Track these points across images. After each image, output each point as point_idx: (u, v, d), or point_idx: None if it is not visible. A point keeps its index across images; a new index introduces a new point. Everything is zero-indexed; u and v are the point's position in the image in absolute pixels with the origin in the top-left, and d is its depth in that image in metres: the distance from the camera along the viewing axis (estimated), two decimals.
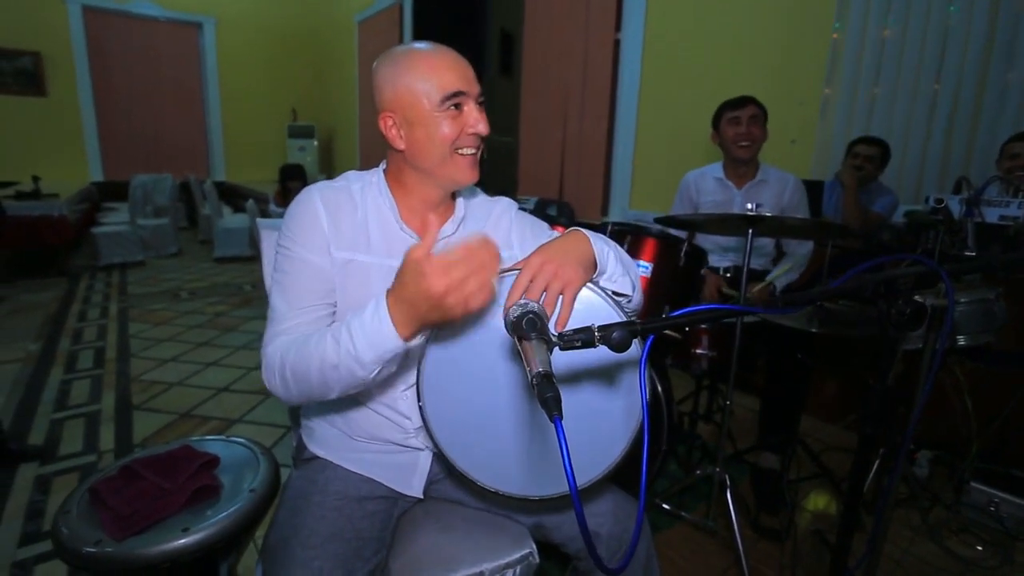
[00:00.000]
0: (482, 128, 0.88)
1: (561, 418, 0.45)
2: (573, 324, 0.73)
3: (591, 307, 0.78)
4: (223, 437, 1.17)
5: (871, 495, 1.84)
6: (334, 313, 0.92)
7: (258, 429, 2.36)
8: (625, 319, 0.76)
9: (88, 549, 0.84)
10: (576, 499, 0.43)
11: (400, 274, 0.68)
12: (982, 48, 2.30)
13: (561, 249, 0.77)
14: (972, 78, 2.34)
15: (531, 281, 0.73)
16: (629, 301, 0.88)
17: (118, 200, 6.17)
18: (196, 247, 6.43)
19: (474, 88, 0.88)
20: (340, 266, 0.89)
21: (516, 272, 0.76)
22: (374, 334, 0.71)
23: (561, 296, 0.75)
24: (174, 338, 3.45)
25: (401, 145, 0.88)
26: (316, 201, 0.90)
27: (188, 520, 0.91)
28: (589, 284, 0.78)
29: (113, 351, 3.21)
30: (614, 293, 0.83)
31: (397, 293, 0.69)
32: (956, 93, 2.39)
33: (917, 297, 0.75)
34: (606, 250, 0.83)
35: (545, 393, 0.47)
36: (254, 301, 4.31)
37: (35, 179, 4.92)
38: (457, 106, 0.86)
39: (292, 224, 0.89)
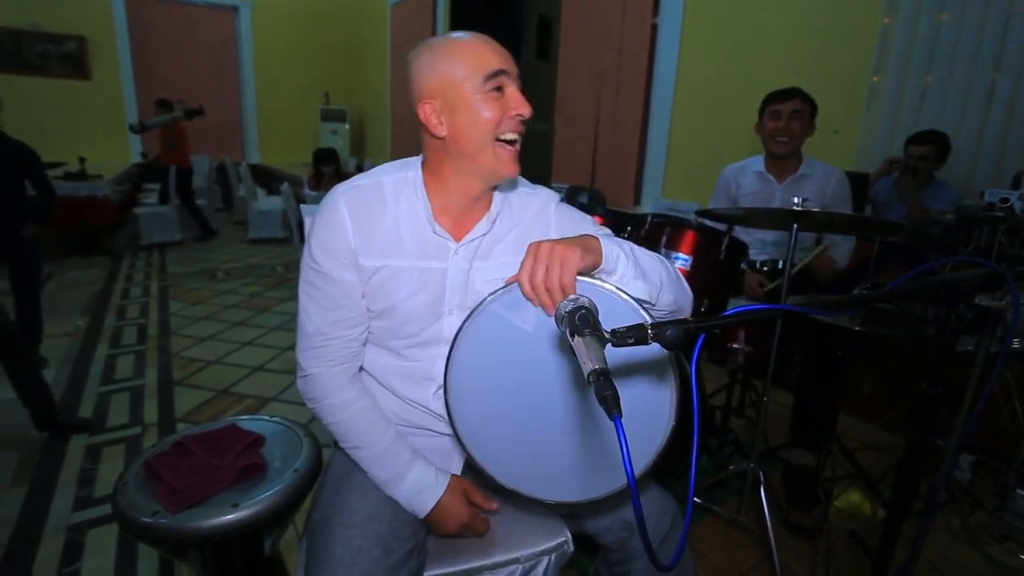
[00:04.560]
0: (525, 110, 0.86)
1: (621, 417, 0.45)
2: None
3: (606, 303, 0.74)
4: (267, 417, 1.20)
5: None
6: (365, 322, 0.94)
7: (292, 408, 2.43)
8: (632, 303, 0.74)
9: (145, 519, 0.88)
10: (636, 501, 0.43)
11: (453, 506, 0.93)
12: None
13: (564, 239, 0.77)
14: None
15: (534, 262, 0.73)
16: (653, 306, 0.85)
17: (157, 182, 6.34)
18: (231, 228, 6.58)
19: (514, 70, 0.86)
20: (369, 272, 0.89)
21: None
22: (412, 496, 0.91)
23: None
24: (212, 317, 3.56)
25: (442, 131, 0.85)
26: (341, 209, 0.87)
27: (237, 496, 0.94)
28: (608, 282, 0.76)
29: (155, 328, 3.34)
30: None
31: (445, 503, 0.92)
32: (1016, 81, 2.26)
33: (979, 301, 0.72)
34: (616, 251, 0.80)
35: (604, 391, 0.46)
36: (287, 282, 4.41)
37: (81, 160, 5.10)
38: (499, 88, 0.84)
39: (319, 236, 0.88)
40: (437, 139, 0.87)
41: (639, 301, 0.76)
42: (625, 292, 0.75)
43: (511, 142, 0.87)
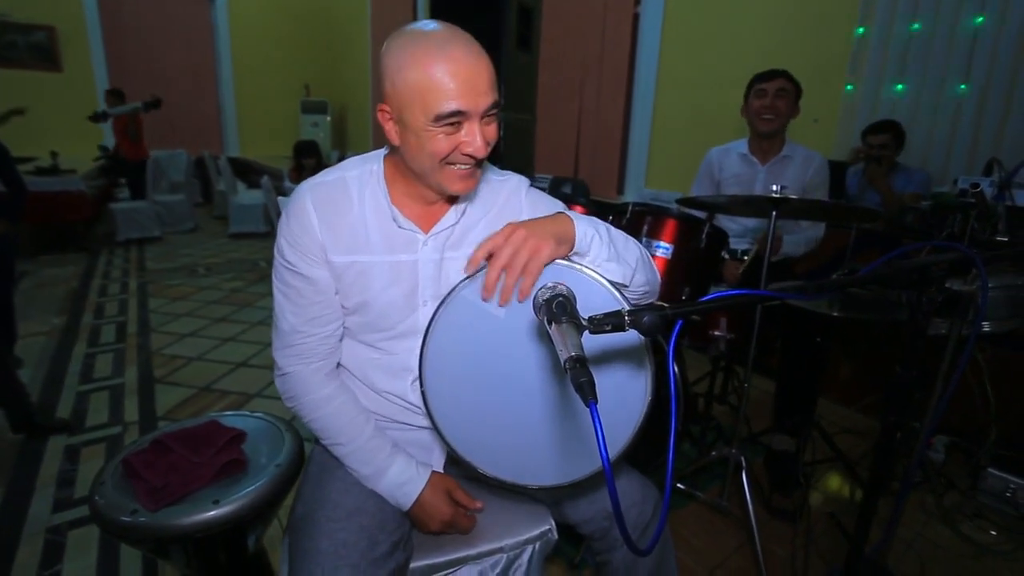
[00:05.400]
0: (477, 152, 0.78)
1: (596, 403, 0.46)
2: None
3: (579, 285, 0.75)
4: (248, 412, 1.19)
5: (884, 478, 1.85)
6: (340, 318, 0.93)
7: (275, 403, 2.40)
8: (610, 290, 0.75)
9: (124, 518, 0.87)
10: (611, 481, 0.44)
11: (436, 503, 0.93)
12: (1020, 23, 2.21)
13: (536, 222, 0.77)
14: (1007, 55, 2.25)
15: (497, 245, 0.72)
16: (627, 287, 0.85)
17: (120, 176, 6.19)
18: (211, 223, 6.47)
19: (481, 103, 0.76)
20: (340, 269, 0.88)
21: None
22: (395, 490, 0.91)
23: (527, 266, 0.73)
24: (192, 313, 3.51)
25: (396, 141, 0.82)
26: (308, 207, 0.86)
27: (218, 493, 0.93)
28: (580, 263, 0.77)
29: (134, 326, 3.28)
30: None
31: (427, 500, 0.92)
32: (989, 70, 2.31)
33: (950, 285, 0.74)
34: (590, 233, 0.79)
35: (580, 378, 0.47)
36: (270, 277, 4.34)
37: (53, 155, 4.96)
38: (454, 124, 0.76)
39: (288, 235, 0.87)
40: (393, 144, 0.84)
41: (615, 284, 0.76)
42: (602, 276, 0.75)
43: (462, 168, 0.82)
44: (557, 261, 0.76)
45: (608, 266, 0.80)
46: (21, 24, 6.09)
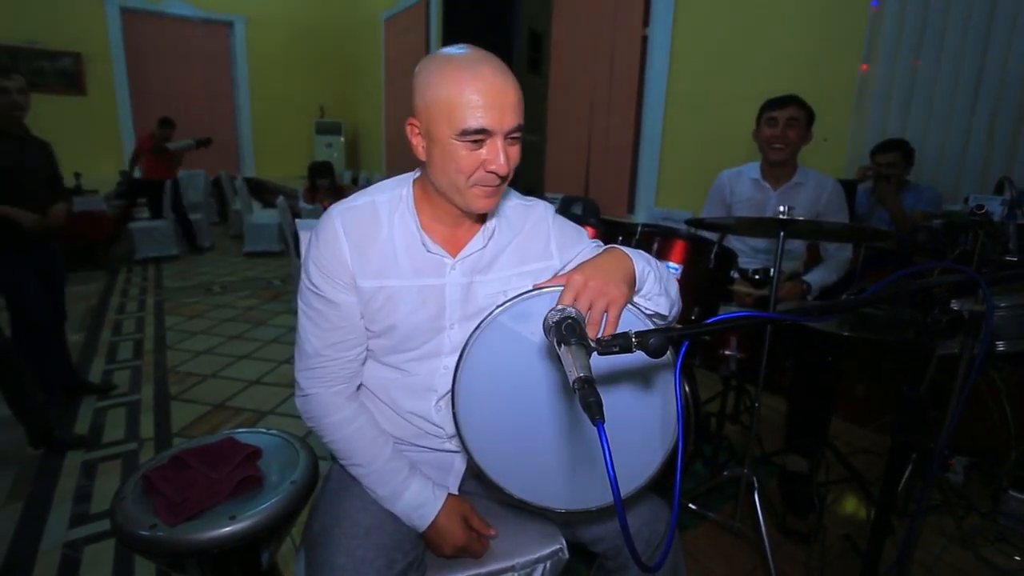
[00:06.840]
0: (500, 168, 0.79)
1: (604, 423, 0.47)
2: None
3: (624, 321, 0.79)
4: (263, 430, 1.21)
5: (903, 500, 1.82)
6: (363, 343, 0.95)
7: (289, 421, 2.43)
8: (642, 316, 0.78)
9: (143, 533, 0.89)
10: (619, 506, 0.45)
11: (451, 528, 0.93)
12: None
13: (604, 267, 0.78)
14: (1018, 72, 2.26)
15: (575, 299, 0.73)
16: (664, 320, 0.89)
17: (143, 196, 6.34)
18: (227, 242, 6.59)
19: (506, 122, 0.78)
20: (369, 294, 0.89)
21: (556, 288, 0.77)
22: (411, 512, 0.91)
23: (606, 313, 0.75)
24: (207, 331, 3.56)
25: (423, 156, 0.84)
26: (338, 231, 0.87)
27: (234, 509, 0.95)
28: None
29: (151, 343, 3.34)
30: (653, 313, 0.84)
31: (443, 524, 0.92)
32: (1000, 88, 2.31)
33: (953, 305, 0.75)
34: (647, 269, 0.83)
35: (587, 398, 0.48)
36: (283, 295, 4.42)
37: (77, 176, 5.12)
38: (478, 142, 0.79)
39: (317, 259, 0.88)
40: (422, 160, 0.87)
41: (650, 316, 0.78)
42: (639, 307, 0.78)
43: (486, 186, 0.83)
44: None
45: (659, 300, 0.83)
46: (49, 51, 6.33)
